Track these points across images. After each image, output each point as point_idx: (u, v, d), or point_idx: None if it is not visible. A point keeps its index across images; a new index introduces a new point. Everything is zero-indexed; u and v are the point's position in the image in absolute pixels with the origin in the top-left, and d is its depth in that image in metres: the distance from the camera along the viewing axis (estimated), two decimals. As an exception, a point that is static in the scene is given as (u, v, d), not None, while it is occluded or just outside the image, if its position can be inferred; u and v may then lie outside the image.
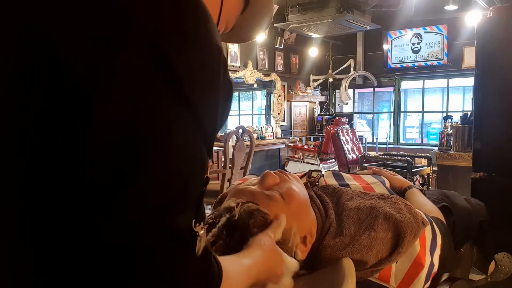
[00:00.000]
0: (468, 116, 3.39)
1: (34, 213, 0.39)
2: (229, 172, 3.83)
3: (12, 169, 0.38)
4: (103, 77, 0.39)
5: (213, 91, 0.46)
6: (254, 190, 0.84)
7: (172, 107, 0.42)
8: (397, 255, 0.83)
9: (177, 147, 0.43)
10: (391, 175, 1.26)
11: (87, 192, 0.39)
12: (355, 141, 6.70)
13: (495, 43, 2.18)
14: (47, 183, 0.39)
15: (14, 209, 0.38)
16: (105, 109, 0.39)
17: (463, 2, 5.93)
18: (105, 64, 0.39)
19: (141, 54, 0.41)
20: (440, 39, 8.06)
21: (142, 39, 0.41)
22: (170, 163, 0.42)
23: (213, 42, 0.46)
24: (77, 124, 0.38)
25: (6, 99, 0.38)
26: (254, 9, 0.70)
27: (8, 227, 0.38)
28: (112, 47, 0.40)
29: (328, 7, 6.09)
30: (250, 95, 9.51)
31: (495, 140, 2.18)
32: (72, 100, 0.38)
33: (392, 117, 9.15)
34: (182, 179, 0.44)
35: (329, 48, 9.24)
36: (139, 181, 0.40)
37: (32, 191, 0.38)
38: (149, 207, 0.41)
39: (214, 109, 0.47)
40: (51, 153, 0.38)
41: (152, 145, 0.41)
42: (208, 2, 0.49)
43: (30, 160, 0.38)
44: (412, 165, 3.57)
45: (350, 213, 0.89)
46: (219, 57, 0.47)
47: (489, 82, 2.22)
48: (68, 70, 0.38)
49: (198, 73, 0.45)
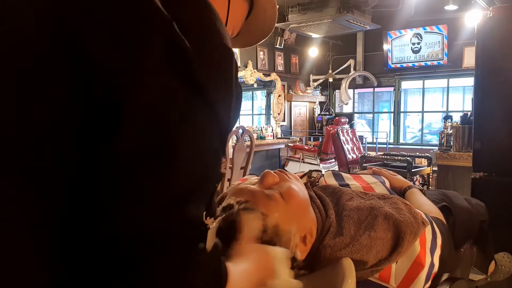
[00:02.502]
0: (468, 116, 3.39)
1: (58, 203, 0.40)
2: (229, 172, 3.83)
3: (46, 163, 0.40)
4: (130, 76, 0.41)
5: (228, 92, 0.49)
6: (253, 189, 0.84)
7: (193, 103, 0.44)
8: (397, 255, 0.82)
9: (197, 142, 0.45)
10: (391, 175, 1.26)
11: (111, 180, 0.41)
12: (355, 141, 6.70)
13: (495, 43, 2.18)
14: (76, 174, 0.41)
15: (40, 200, 0.40)
16: (133, 104, 0.41)
17: (463, 2, 5.93)
18: (132, 63, 0.41)
19: (164, 52, 0.42)
20: (440, 39, 8.05)
21: (164, 36, 0.43)
22: (191, 156, 0.44)
23: (227, 44, 0.49)
24: (107, 120, 0.40)
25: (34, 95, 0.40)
26: (258, 15, 0.72)
27: (32, 217, 0.40)
28: (138, 46, 0.42)
29: (328, 7, 6.09)
30: (250, 95, 9.50)
31: (495, 140, 2.18)
32: (99, 95, 0.40)
33: (392, 117, 9.14)
34: (202, 171, 0.46)
35: (329, 48, 9.24)
36: (163, 170, 0.42)
37: (60, 184, 0.40)
38: (168, 197, 0.42)
39: (228, 108, 0.49)
40: (79, 144, 0.41)
41: (175, 139, 0.43)
42: (216, 7, 0.51)
43: (59, 154, 0.40)
44: (412, 165, 3.57)
45: (350, 213, 0.89)
46: (232, 60, 0.49)
47: (489, 82, 2.23)
48: (95, 66, 0.40)
49: (215, 73, 0.47)
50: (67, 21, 0.41)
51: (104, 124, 0.40)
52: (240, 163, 3.98)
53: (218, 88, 0.47)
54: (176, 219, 0.43)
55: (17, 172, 0.39)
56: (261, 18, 0.74)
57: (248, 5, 0.71)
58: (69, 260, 0.41)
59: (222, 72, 0.48)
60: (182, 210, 0.43)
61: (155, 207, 0.42)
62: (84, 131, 0.41)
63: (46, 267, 0.40)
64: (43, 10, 0.41)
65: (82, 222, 0.41)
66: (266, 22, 0.76)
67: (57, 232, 0.40)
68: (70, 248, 0.41)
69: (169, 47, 0.43)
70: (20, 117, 0.39)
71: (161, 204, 0.42)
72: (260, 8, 0.72)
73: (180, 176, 0.43)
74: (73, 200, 0.41)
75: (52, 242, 0.40)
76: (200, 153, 0.45)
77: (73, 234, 0.41)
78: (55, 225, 0.40)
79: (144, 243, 0.41)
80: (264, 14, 0.74)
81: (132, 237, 0.41)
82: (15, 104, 0.39)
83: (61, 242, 0.41)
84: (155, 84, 0.42)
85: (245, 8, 0.70)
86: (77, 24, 0.41)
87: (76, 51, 0.40)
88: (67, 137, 0.40)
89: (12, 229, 0.39)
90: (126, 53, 0.41)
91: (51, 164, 0.40)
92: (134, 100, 0.41)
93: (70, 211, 0.41)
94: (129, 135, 0.40)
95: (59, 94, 0.40)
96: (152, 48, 0.42)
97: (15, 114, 0.39)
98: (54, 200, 0.40)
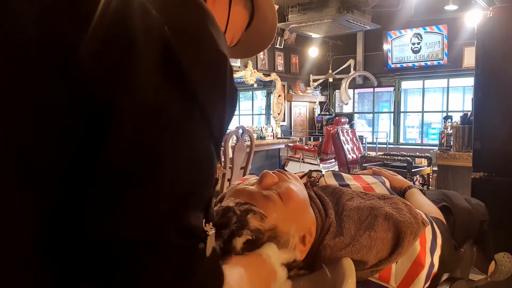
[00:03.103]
0: (468, 116, 3.39)
1: (57, 204, 0.40)
2: (229, 172, 3.83)
3: (42, 160, 0.39)
4: (121, 83, 0.40)
5: (221, 96, 0.48)
6: (252, 190, 0.84)
7: (185, 109, 0.43)
8: (397, 255, 0.82)
9: (190, 147, 0.44)
10: (391, 175, 1.26)
11: (103, 184, 0.40)
12: (355, 141, 6.70)
13: (495, 43, 2.18)
14: (72, 175, 0.40)
15: (40, 200, 0.39)
16: (124, 110, 0.40)
17: (463, 2, 5.93)
18: (122, 69, 0.40)
19: (155, 55, 0.42)
20: (440, 39, 8.06)
21: (155, 39, 0.42)
22: (183, 162, 0.43)
23: (221, 49, 0.48)
24: (99, 119, 0.40)
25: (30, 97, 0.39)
26: (259, 25, 0.72)
27: (32, 217, 0.39)
28: (128, 51, 0.41)
29: (328, 7, 6.09)
30: (250, 95, 9.51)
31: (495, 140, 2.18)
32: (92, 99, 0.40)
33: (392, 117, 9.15)
34: (195, 178, 0.45)
35: (329, 48, 9.24)
36: (155, 178, 0.41)
37: (58, 184, 0.40)
38: (163, 203, 0.42)
39: (222, 111, 0.49)
40: (75, 148, 0.40)
41: (168, 144, 0.42)
42: (215, 15, 0.50)
43: (56, 154, 0.40)
44: (412, 165, 3.57)
45: (350, 213, 0.89)
46: (226, 64, 0.48)
47: (489, 82, 2.23)
48: (87, 73, 0.40)
49: (207, 78, 0.46)
50: (59, 26, 0.40)
51: (96, 128, 0.39)
52: (240, 163, 3.98)
53: (211, 93, 0.46)
54: (172, 226, 0.42)
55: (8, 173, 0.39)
56: (262, 28, 0.73)
57: (249, 14, 0.71)
58: (56, 273, 0.40)
59: (215, 77, 0.47)
60: (178, 217, 0.43)
61: (149, 214, 0.41)
62: (75, 134, 0.40)
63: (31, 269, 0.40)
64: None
65: (71, 230, 0.40)
66: (267, 31, 0.75)
67: (43, 240, 0.40)
68: (57, 260, 0.40)
69: (160, 51, 0.42)
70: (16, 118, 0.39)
71: (156, 211, 0.41)
72: (261, 17, 0.72)
73: (174, 182, 0.43)
74: (61, 206, 0.40)
75: (38, 249, 0.40)
76: (193, 158, 0.44)
77: (60, 244, 0.40)
78: (43, 230, 0.40)
79: (137, 252, 0.40)
80: (264, 23, 0.73)
81: (125, 245, 0.40)
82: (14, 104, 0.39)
83: (49, 251, 0.40)
84: (146, 89, 0.41)
85: (246, 17, 0.70)
86: (67, 31, 0.40)
87: (66, 61, 0.39)
88: (58, 142, 0.40)
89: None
90: (115, 59, 0.40)
91: (41, 166, 0.39)
92: (126, 106, 0.40)
93: (57, 218, 0.40)
94: (120, 141, 0.40)
95: (52, 100, 0.40)
96: (143, 52, 0.41)
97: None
98: (42, 206, 0.40)
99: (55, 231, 0.40)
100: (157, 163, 0.41)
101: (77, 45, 0.39)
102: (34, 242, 0.40)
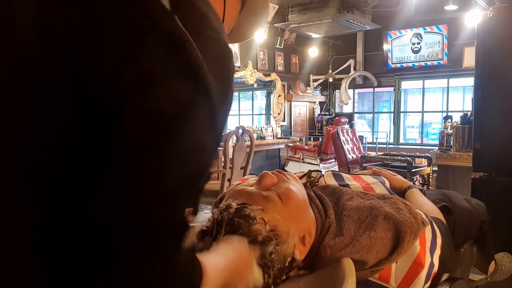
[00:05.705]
0: (468, 116, 3.39)
1: (45, 200, 0.41)
2: (229, 172, 3.82)
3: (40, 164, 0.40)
4: (130, 71, 0.41)
5: (228, 88, 0.49)
6: (251, 191, 0.84)
7: (192, 100, 0.44)
8: (397, 255, 0.82)
9: (195, 137, 0.45)
10: (391, 175, 1.26)
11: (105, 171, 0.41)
12: (355, 141, 6.70)
13: (495, 43, 2.18)
14: (67, 173, 0.41)
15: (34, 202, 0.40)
16: (134, 98, 0.41)
17: (463, 2, 5.93)
18: (131, 58, 0.41)
19: (163, 47, 0.42)
20: (440, 39, 8.05)
21: (164, 29, 0.43)
22: (187, 151, 0.44)
23: (226, 41, 0.50)
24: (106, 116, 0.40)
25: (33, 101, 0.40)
26: (251, 8, 0.73)
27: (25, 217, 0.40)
28: (137, 40, 0.41)
29: (328, 7, 6.09)
30: (250, 95, 9.50)
31: (495, 140, 2.18)
32: (95, 93, 0.40)
33: (392, 117, 9.14)
34: (195, 168, 0.46)
35: (329, 48, 9.24)
36: (159, 165, 0.42)
37: (52, 185, 0.41)
38: (162, 190, 0.43)
39: (226, 104, 0.50)
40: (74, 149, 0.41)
41: (174, 133, 0.43)
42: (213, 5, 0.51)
43: (53, 155, 0.40)
44: (412, 165, 3.57)
45: (350, 213, 0.89)
46: (231, 56, 0.50)
47: (489, 82, 2.23)
48: (90, 70, 0.40)
49: (216, 69, 0.47)
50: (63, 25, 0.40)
51: (104, 117, 0.40)
52: (240, 163, 3.97)
53: (218, 84, 0.47)
54: (165, 213, 0.43)
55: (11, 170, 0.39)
56: (254, 11, 0.74)
57: (240, 2, 0.71)
58: (49, 254, 0.41)
59: (223, 68, 0.48)
60: (174, 204, 0.44)
61: (147, 199, 0.42)
62: (82, 125, 0.41)
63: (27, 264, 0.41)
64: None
65: (65, 216, 0.41)
66: (259, 14, 0.76)
67: (39, 229, 0.41)
68: (52, 244, 0.41)
69: (170, 40, 0.42)
70: (22, 117, 0.40)
71: (154, 196, 0.42)
72: (252, 1, 0.73)
73: (174, 170, 0.43)
74: (59, 196, 0.41)
75: (34, 238, 0.40)
76: (195, 148, 0.45)
77: (54, 231, 0.41)
78: (38, 219, 0.40)
79: (125, 235, 0.41)
80: (256, 6, 0.74)
81: (113, 229, 0.41)
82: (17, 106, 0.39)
83: (43, 239, 0.41)
84: (155, 78, 0.42)
85: (238, 3, 0.70)
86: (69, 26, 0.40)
87: (72, 53, 0.40)
88: (63, 135, 0.40)
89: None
90: (124, 49, 0.41)
91: (43, 162, 0.40)
92: (135, 94, 0.41)
93: (55, 208, 0.41)
94: (129, 127, 0.40)
95: (57, 93, 0.40)
96: (152, 42, 0.42)
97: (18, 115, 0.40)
98: (40, 196, 0.40)
99: (53, 230, 0.40)
100: (161, 149, 0.42)
101: (78, 42, 0.40)
102: (34, 239, 0.40)
